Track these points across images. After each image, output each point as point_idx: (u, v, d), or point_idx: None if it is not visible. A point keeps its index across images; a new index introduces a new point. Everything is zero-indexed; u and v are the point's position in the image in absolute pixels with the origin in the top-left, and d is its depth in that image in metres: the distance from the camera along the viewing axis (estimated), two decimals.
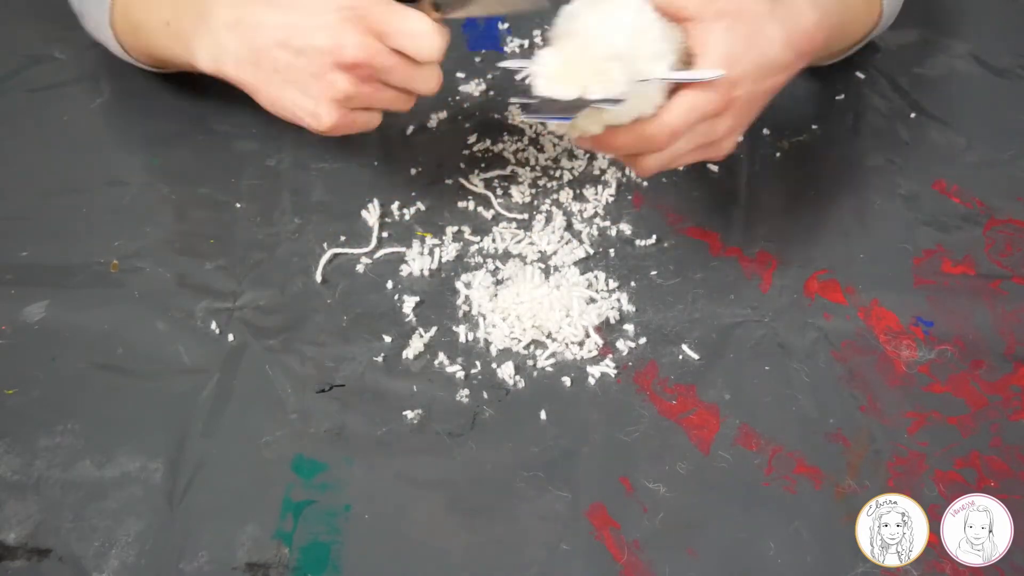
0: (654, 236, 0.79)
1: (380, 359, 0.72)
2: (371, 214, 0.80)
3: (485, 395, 0.70)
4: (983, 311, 0.75)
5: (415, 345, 0.72)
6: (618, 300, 0.75)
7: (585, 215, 0.80)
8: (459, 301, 0.75)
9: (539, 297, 0.74)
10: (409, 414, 0.69)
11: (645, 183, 0.82)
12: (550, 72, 0.64)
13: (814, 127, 0.87)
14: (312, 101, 0.66)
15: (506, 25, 0.94)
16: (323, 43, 0.64)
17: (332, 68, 0.64)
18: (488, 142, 0.85)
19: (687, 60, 0.65)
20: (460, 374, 0.71)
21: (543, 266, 0.77)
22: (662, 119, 0.65)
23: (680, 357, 0.72)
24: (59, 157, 0.84)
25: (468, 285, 0.76)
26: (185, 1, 0.71)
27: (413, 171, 0.83)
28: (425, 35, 0.64)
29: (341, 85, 0.65)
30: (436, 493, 0.66)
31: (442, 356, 0.72)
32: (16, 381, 0.71)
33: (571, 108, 0.63)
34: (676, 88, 0.65)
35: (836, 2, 0.73)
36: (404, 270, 0.77)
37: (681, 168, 0.75)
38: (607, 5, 0.65)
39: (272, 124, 0.85)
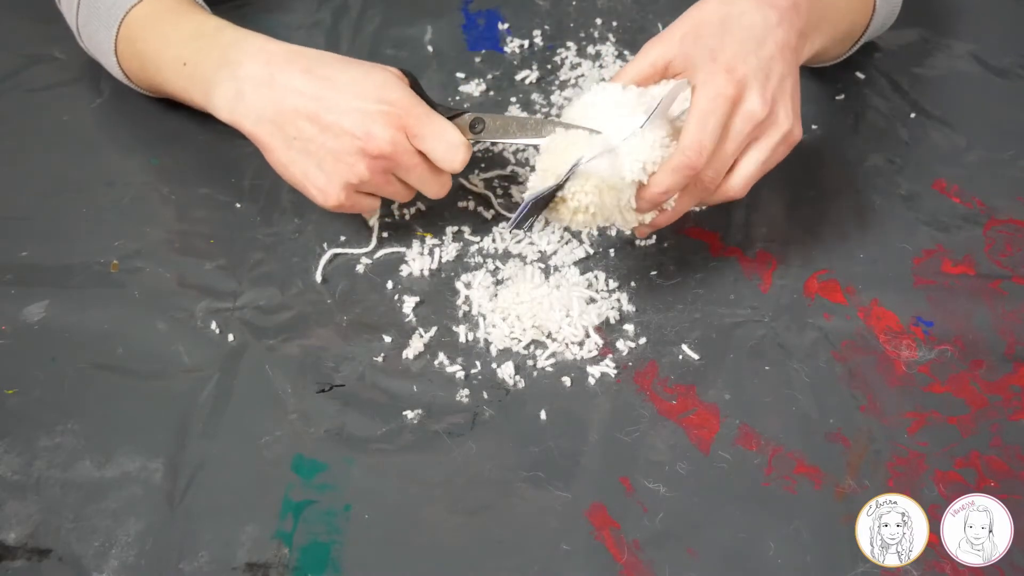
0: (654, 236, 0.79)
1: (380, 359, 0.72)
2: (371, 214, 0.80)
3: (485, 395, 0.70)
4: (983, 311, 0.75)
5: (415, 345, 0.72)
6: (618, 300, 0.75)
7: None
8: (459, 301, 0.75)
9: (539, 297, 0.74)
10: (409, 414, 0.69)
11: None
12: (532, 185, 0.67)
13: (814, 127, 0.87)
14: (325, 177, 0.69)
15: (506, 25, 0.95)
16: (353, 127, 0.66)
17: (356, 153, 0.67)
18: (488, 142, 0.85)
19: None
20: (460, 374, 0.71)
21: (543, 266, 0.77)
22: (682, 138, 0.65)
23: (680, 357, 0.72)
24: (59, 157, 0.84)
25: (468, 285, 0.76)
26: (208, 45, 0.72)
27: None
28: (458, 148, 0.68)
29: (359, 170, 0.68)
30: (436, 493, 0.66)
31: (442, 356, 0.72)
32: (16, 381, 0.71)
33: (550, 196, 0.65)
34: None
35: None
36: (404, 270, 0.77)
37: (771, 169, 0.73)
38: (570, 111, 0.69)
39: None
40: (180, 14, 0.76)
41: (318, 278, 0.76)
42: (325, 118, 0.67)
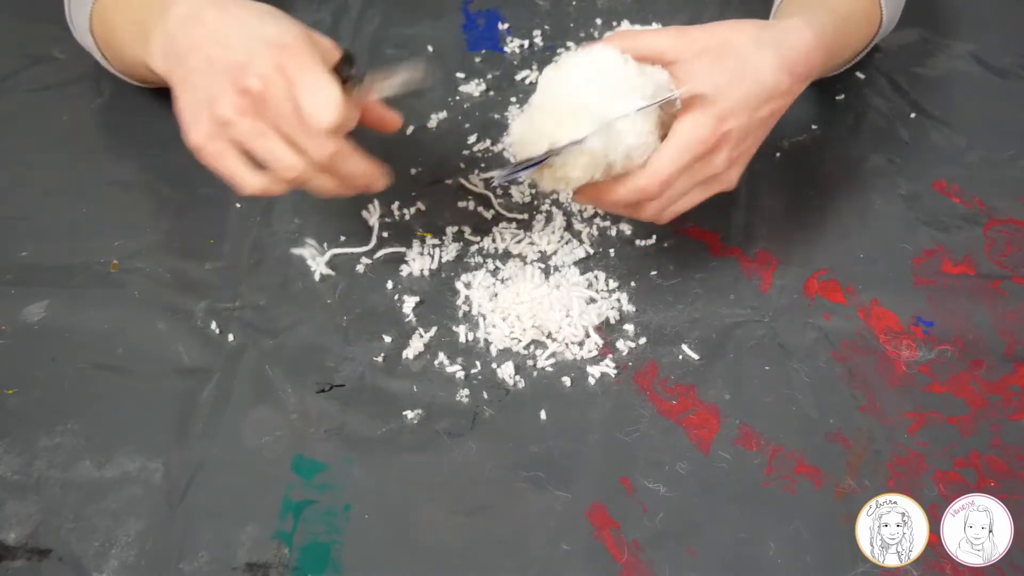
0: (654, 236, 0.79)
1: (380, 359, 0.72)
2: (371, 214, 0.80)
3: (485, 395, 0.70)
4: (983, 311, 0.75)
5: (415, 345, 0.72)
6: (618, 300, 0.75)
7: (585, 215, 0.80)
8: (459, 301, 0.75)
9: (539, 297, 0.74)
10: (409, 414, 0.69)
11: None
12: (518, 137, 0.66)
13: (814, 127, 0.86)
14: (194, 110, 0.63)
15: (506, 25, 0.94)
16: (234, 59, 0.61)
17: (225, 85, 0.61)
18: (488, 142, 0.85)
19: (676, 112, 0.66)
20: (460, 374, 0.71)
21: (543, 266, 0.77)
22: (652, 167, 0.64)
23: (680, 357, 0.72)
24: (59, 157, 0.84)
25: (468, 285, 0.76)
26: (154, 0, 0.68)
27: (413, 171, 0.83)
28: (327, 104, 0.59)
29: (223, 105, 0.61)
30: (436, 493, 0.66)
31: (442, 356, 0.72)
32: (16, 381, 0.71)
33: (541, 162, 0.64)
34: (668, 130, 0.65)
35: (833, 18, 0.72)
36: (404, 270, 0.77)
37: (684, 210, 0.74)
38: (571, 63, 0.66)
39: None
40: None
41: (318, 278, 0.76)
42: (214, 50, 0.62)
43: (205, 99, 0.61)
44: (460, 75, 0.90)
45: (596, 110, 0.63)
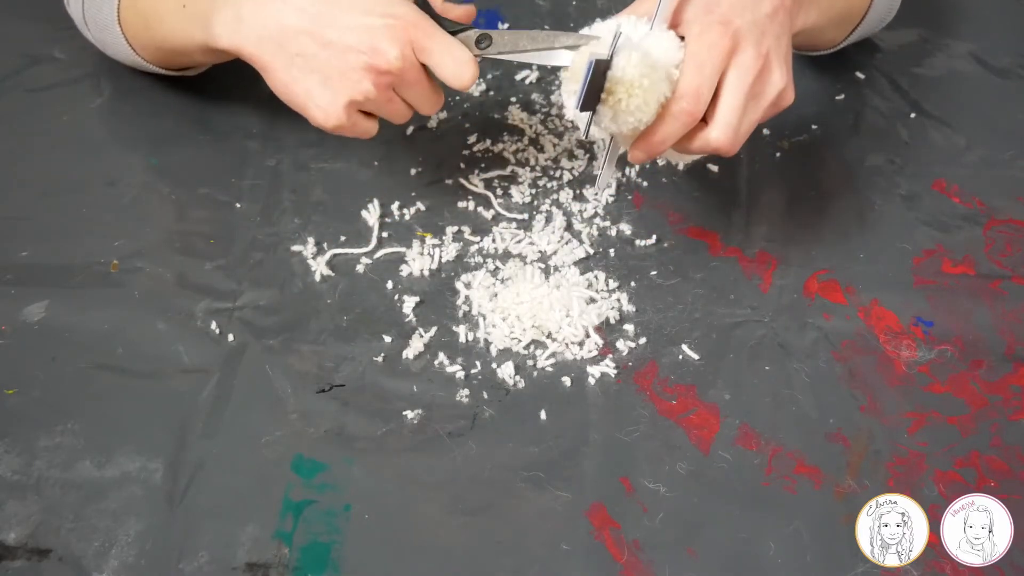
0: (654, 236, 0.79)
1: (380, 359, 0.72)
2: (371, 214, 0.80)
3: (485, 395, 0.70)
4: (983, 311, 0.75)
5: (415, 345, 0.72)
6: (618, 300, 0.75)
7: (585, 215, 0.80)
8: (459, 301, 0.75)
9: (539, 297, 0.74)
10: (409, 414, 0.69)
11: (645, 183, 0.82)
12: (565, 100, 0.67)
13: (814, 127, 0.87)
14: (330, 95, 0.67)
15: (506, 25, 0.95)
16: (359, 43, 0.65)
17: (362, 69, 0.65)
18: (488, 142, 0.85)
19: None
20: (460, 374, 0.71)
21: (543, 266, 0.77)
22: (682, 81, 0.64)
23: (680, 357, 0.72)
24: (59, 157, 0.84)
25: (468, 285, 0.76)
26: None
27: (413, 171, 0.83)
28: (466, 63, 0.66)
29: (364, 87, 0.66)
30: (436, 493, 0.66)
31: (442, 356, 0.72)
32: (16, 381, 0.71)
33: (602, 77, 0.63)
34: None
35: None
36: (404, 270, 0.77)
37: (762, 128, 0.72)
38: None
39: (273, 124, 0.85)
40: None
41: (318, 278, 0.76)
42: (328, 34, 0.65)
43: (340, 83, 0.66)
44: None
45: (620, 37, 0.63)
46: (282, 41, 0.66)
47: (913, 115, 0.88)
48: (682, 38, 0.65)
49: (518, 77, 0.90)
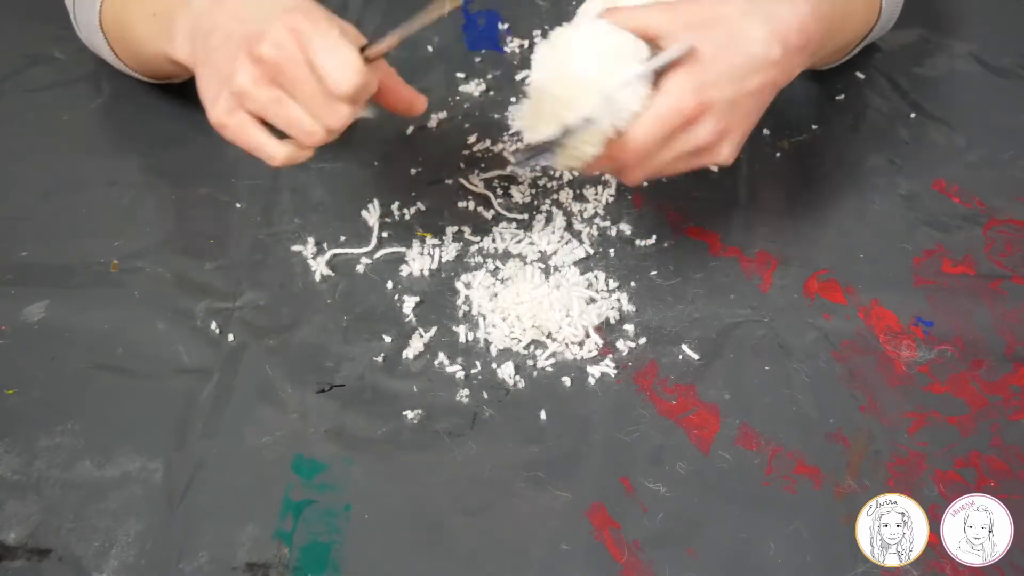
0: (654, 236, 0.79)
1: (380, 359, 0.72)
2: (371, 214, 0.80)
3: (485, 395, 0.70)
4: (983, 311, 0.75)
5: (415, 345, 0.72)
6: (618, 300, 0.75)
7: (585, 215, 0.80)
8: (459, 301, 0.75)
9: (539, 297, 0.74)
10: (409, 414, 0.69)
11: (645, 183, 0.82)
12: (528, 123, 0.66)
13: (814, 127, 0.86)
14: (215, 87, 0.62)
15: (506, 25, 0.95)
16: (248, 30, 0.60)
17: (241, 57, 0.60)
18: (488, 142, 0.85)
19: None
20: (460, 374, 0.71)
21: (543, 266, 0.77)
22: (630, 135, 0.64)
23: (680, 357, 0.72)
24: (59, 157, 0.84)
25: (468, 285, 0.76)
26: None
27: (413, 171, 0.83)
28: (346, 66, 0.58)
29: (242, 76, 0.60)
30: (436, 493, 0.66)
31: (442, 356, 0.72)
32: (16, 381, 0.71)
33: (556, 144, 0.64)
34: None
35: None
36: (404, 270, 0.77)
37: (677, 175, 0.74)
38: (565, 38, 0.66)
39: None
40: None
41: (318, 278, 0.76)
42: (230, 26, 0.62)
43: (224, 75, 0.61)
44: (460, 75, 0.90)
45: (600, 83, 0.63)
46: (205, 39, 0.63)
47: (913, 115, 0.88)
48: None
49: (518, 77, 0.90)
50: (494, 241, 0.78)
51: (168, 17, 0.68)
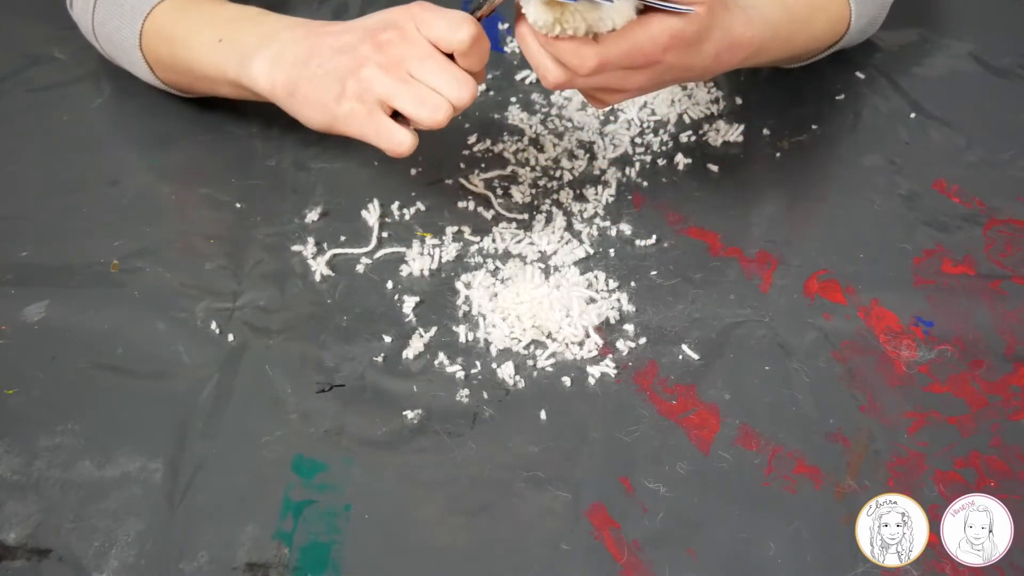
0: (654, 236, 0.79)
1: (380, 359, 0.72)
2: (371, 214, 0.80)
3: (485, 395, 0.70)
4: (983, 311, 0.75)
5: (415, 345, 0.72)
6: (618, 300, 0.75)
7: (585, 215, 0.80)
8: (459, 301, 0.75)
9: (539, 297, 0.74)
10: (409, 414, 0.69)
11: (645, 183, 0.82)
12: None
13: (814, 127, 0.87)
14: (339, 84, 0.67)
15: (506, 25, 0.95)
16: (365, 27, 0.67)
17: (367, 46, 0.66)
18: (488, 142, 0.85)
19: None
20: (460, 374, 0.71)
21: (543, 266, 0.77)
22: (602, 45, 0.63)
23: (680, 357, 0.72)
24: (59, 157, 0.84)
25: (468, 285, 0.76)
26: (251, 26, 0.74)
27: (413, 171, 0.83)
28: (459, 22, 0.65)
29: (369, 64, 0.65)
30: (436, 493, 0.66)
31: (442, 356, 0.72)
32: (16, 381, 0.71)
33: None
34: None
35: (780, 16, 0.74)
36: (404, 270, 0.77)
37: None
38: None
39: (272, 124, 0.85)
40: (210, 3, 0.78)
41: (318, 278, 0.76)
42: (343, 38, 0.68)
43: (347, 69, 0.66)
44: None
45: None
46: (308, 61, 0.68)
47: (913, 115, 0.88)
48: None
49: (518, 77, 0.90)
50: (494, 241, 0.78)
51: (241, 44, 0.72)
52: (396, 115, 0.68)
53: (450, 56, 0.67)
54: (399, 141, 0.67)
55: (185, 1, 0.78)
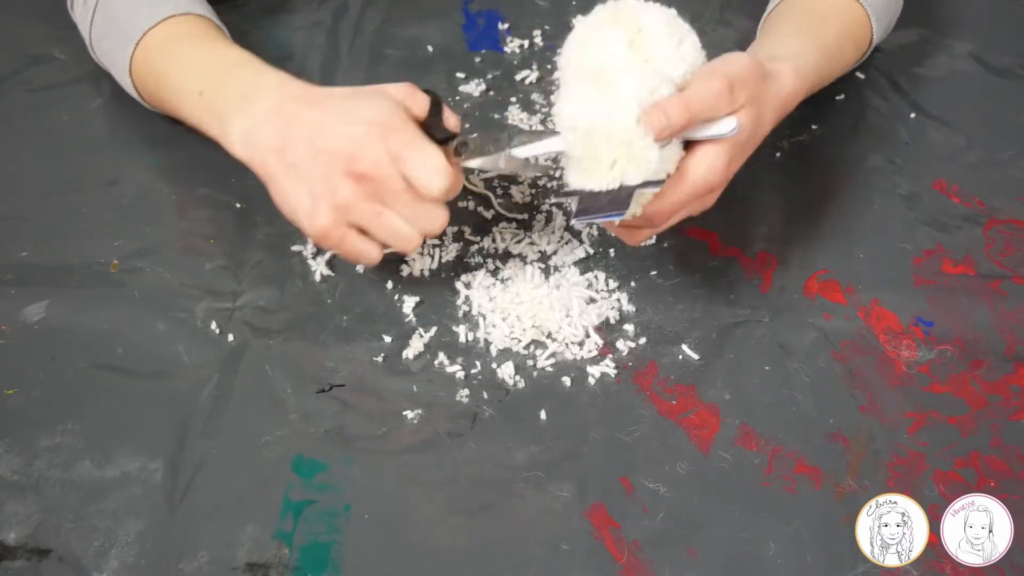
0: (654, 236, 0.79)
1: (380, 359, 0.72)
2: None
3: (485, 395, 0.70)
4: (983, 311, 0.75)
5: (415, 345, 0.72)
6: (618, 300, 0.75)
7: None
8: (459, 301, 0.75)
9: (539, 297, 0.74)
10: (409, 414, 0.69)
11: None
12: (579, 162, 0.61)
13: (814, 127, 0.87)
14: (312, 201, 0.66)
15: (506, 25, 0.95)
16: (341, 148, 0.65)
17: (341, 174, 0.65)
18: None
19: None
20: (460, 374, 0.71)
21: (543, 266, 0.77)
22: (664, 197, 0.64)
23: (680, 357, 0.72)
24: (59, 157, 0.84)
25: (468, 285, 0.76)
26: (228, 79, 0.72)
27: None
28: (436, 171, 0.64)
29: (344, 192, 0.65)
30: (436, 493, 0.66)
31: (442, 356, 0.72)
32: (16, 381, 0.71)
33: (618, 200, 0.62)
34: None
35: (820, 56, 0.75)
36: (404, 270, 0.77)
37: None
38: (607, 79, 0.61)
39: None
40: (200, 39, 0.76)
41: (318, 278, 0.76)
42: (318, 143, 0.65)
43: (322, 189, 0.65)
44: (460, 75, 0.90)
45: (650, 138, 0.60)
46: (283, 151, 0.67)
47: (913, 115, 0.88)
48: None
49: (518, 77, 0.90)
50: (494, 241, 0.78)
51: (220, 106, 0.71)
52: None
53: None
54: (369, 259, 0.68)
55: (177, 31, 0.77)
